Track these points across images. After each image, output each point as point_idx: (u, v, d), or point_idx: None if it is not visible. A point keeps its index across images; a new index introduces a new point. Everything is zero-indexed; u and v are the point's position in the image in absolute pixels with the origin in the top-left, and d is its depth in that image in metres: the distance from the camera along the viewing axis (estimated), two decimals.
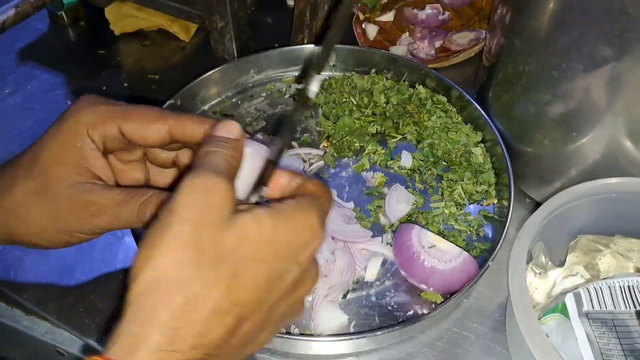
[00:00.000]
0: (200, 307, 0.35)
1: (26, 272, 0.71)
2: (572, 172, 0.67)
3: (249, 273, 0.37)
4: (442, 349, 0.64)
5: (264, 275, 0.38)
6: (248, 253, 0.37)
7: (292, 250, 0.40)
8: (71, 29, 1.03)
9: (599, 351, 0.54)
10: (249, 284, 0.37)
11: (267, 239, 0.38)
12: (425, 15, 1.00)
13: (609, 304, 0.56)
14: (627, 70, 0.55)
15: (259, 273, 0.38)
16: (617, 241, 0.62)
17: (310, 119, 0.86)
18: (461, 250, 0.65)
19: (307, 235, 0.40)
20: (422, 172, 0.77)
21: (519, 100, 0.70)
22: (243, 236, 0.37)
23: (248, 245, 0.37)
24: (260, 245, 0.38)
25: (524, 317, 0.52)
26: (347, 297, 0.67)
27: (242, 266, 0.37)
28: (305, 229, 0.40)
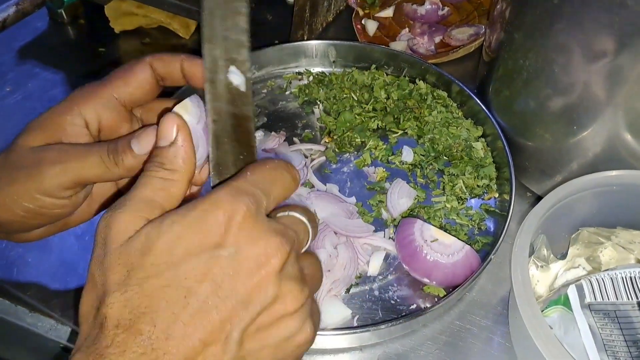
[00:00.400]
0: None
1: (29, 269, 0.71)
2: (573, 166, 0.67)
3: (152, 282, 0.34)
4: (445, 342, 0.64)
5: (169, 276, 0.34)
6: (147, 267, 0.34)
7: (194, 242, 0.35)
8: (71, 26, 1.03)
9: (601, 342, 0.54)
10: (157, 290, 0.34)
11: (163, 245, 0.35)
12: (424, 10, 1.01)
13: (611, 295, 0.56)
14: (627, 64, 0.56)
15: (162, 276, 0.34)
16: (619, 233, 0.63)
17: (311, 114, 0.86)
18: (463, 243, 0.65)
19: (209, 221, 0.35)
20: (423, 167, 0.78)
21: (520, 94, 0.70)
22: (141, 249, 0.34)
23: (145, 259, 0.34)
24: (157, 254, 0.34)
25: (527, 310, 0.52)
26: (350, 291, 0.67)
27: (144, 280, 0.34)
28: (204, 217, 0.35)
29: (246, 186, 0.37)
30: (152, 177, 0.38)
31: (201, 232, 0.35)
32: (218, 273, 0.34)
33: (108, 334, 0.33)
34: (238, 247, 0.35)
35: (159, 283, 0.34)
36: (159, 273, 0.34)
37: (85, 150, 0.44)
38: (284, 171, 0.40)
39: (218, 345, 0.34)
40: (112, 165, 0.43)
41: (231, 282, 0.34)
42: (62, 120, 0.46)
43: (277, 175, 0.39)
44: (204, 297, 0.34)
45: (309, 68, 0.91)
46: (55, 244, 0.73)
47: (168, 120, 0.40)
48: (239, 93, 0.41)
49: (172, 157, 0.39)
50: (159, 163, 0.39)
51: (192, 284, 0.34)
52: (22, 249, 0.72)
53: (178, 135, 0.39)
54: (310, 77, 0.90)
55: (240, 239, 0.35)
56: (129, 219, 0.36)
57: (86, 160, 0.44)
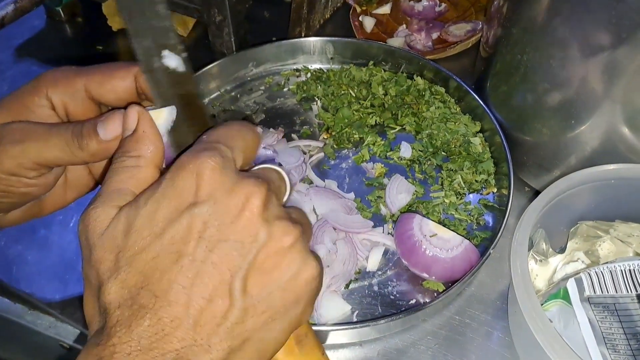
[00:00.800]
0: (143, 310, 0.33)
1: (28, 267, 0.71)
2: (571, 160, 0.67)
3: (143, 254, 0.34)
4: (444, 337, 0.65)
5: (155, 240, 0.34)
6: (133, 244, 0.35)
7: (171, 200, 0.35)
8: (68, 24, 1.03)
9: (601, 335, 0.55)
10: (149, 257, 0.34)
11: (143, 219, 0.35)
12: (421, 7, 1.01)
13: (610, 288, 0.56)
14: (625, 58, 0.56)
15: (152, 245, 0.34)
16: (617, 226, 0.63)
17: (309, 111, 0.86)
18: (462, 238, 0.65)
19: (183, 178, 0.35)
20: (421, 163, 0.78)
21: (517, 89, 0.70)
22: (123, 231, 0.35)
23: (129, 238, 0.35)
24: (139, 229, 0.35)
25: (527, 303, 0.52)
26: (350, 287, 0.67)
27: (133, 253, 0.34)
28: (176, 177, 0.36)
29: (205, 145, 0.37)
30: (119, 167, 0.39)
31: (174, 197, 0.35)
32: (202, 228, 0.34)
33: (112, 315, 0.33)
34: (214, 199, 0.35)
35: (147, 256, 0.34)
36: (145, 247, 0.34)
37: (48, 131, 0.43)
38: (238, 125, 0.40)
39: (224, 298, 0.34)
40: (76, 149, 0.42)
41: (217, 233, 0.34)
42: (29, 101, 0.45)
43: (234, 130, 0.40)
44: (195, 255, 0.34)
45: (307, 65, 0.91)
46: (55, 242, 0.73)
47: (130, 112, 0.40)
48: (178, 74, 0.41)
49: (135, 143, 0.39)
50: (123, 152, 0.39)
51: (180, 247, 0.34)
52: (21, 247, 0.72)
53: (139, 123, 0.40)
54: (308, 73, 0.90)
55: (214, 191, 0.35)
56: (102, 211, 0.36)
57: (48, 141, 0.42)
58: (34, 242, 0.73)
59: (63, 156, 0.42)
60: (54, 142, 0.42)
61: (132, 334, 0.32)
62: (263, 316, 0.35)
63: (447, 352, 0.63)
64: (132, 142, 0.39)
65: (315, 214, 0.72)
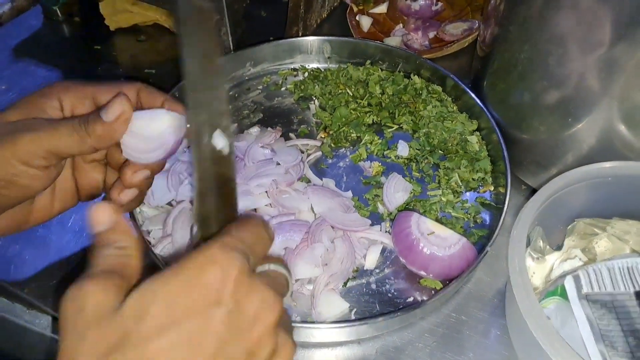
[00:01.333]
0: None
1: (27, 266, 0.71)
2: (568, 158, 0.67)
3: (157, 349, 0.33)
4: (442, 335, 0.65)
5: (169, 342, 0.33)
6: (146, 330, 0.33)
7: (192, 304, 0.34)
8: (66, 24, 1.03)
9: (599, 333, 0.55)
10: None
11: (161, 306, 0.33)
12: (418, 6, 1.01)
13: (608, 285, 0.56)
14: (622, 55, 0.56)
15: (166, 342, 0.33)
16: (615, 224, 0.63)
17: (307, 110, 0.86)
18: (460, 236, 0.66)
19: (204, 288, 0.34)
20: (418, 161, 0.78)
21: (515, 87, 0.70)
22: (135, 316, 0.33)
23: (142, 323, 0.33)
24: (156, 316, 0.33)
25: (525, 300, 0.53)
26: (348, 285, 0.67)
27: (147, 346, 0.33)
28: (197, 284, 0.35)
29: (236, 243, 0.37)
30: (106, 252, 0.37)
31: (199, 288, 0.34)
32: (221, 329, 0.34)
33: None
34: (237, 303, 0.35)
35: (162, 344, 0.33)
36: (160, 334, 0.33)
37: (57, 122, 0.47)
38: (263, 230, 0.41)
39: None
40: (84, 134, 0.46)
41: (234, 338, 0.34)
42: (42, 103, 0.49)
43: (259, 234, 0.40)
44: (211, 354, 0.34)
45: (304, 64, 0.91)
46: (53, 241, 0.73)
47: (96, 211, 0.39)
48: (222, 156, 0.42)
49: (120, 234, 0.38)
50: (108, 243, 0.38)
51: (198, 342, 0.33)
52: (19, 246, 0.72)
53: (113, 219, 0.39)
54: (306, 73, 0.90)
55: (237, 294, 0.35)
56: (97, 292, 0.34)
57: (58, 130, 0.46)
58: (32, 241, 0.73)
59: (72, 144, 0.46)
60: (63, 131, 0.46)
61: None
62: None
63: (444, 350, 0.63)
64: (114, 234, 0.38)
65: (313, 213, 0.72)
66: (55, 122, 0.47)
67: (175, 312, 0.33)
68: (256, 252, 0.39)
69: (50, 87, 0.49)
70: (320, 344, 0.64)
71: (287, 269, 0.42)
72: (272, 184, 0.73)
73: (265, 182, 0.73)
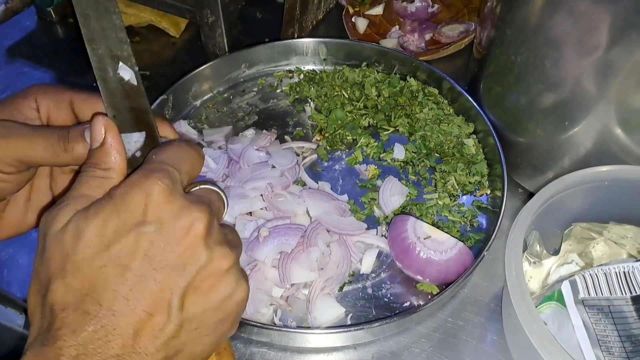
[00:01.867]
0: None
1: (20, 270, 0.70)
2: (564, 161, 0.67)
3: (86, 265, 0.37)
4: (438, 340, 0.64)
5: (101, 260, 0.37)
6: (82, 253, 0.37)
7: (124, 216, 0.38)
8: (60, 25, 1.03)
9: (595, 338, 0.54)
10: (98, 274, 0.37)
11: (93, 230, 0.37)
12: (414, 8, 1.01)
13: (604, 290, 0.56)
14: (619, 59, 0.56)
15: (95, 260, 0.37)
16: (611, 228, 0.63)
17: (302, 112, 0.86)
18: (456, 240, 0.65)
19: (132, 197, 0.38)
20: (415, 164, 0.78)
21: (511, 90, 0.70)
22: (72, 239, 0.37)
23: (78, 246, 0.37)
24: (88, 239, 0.37)
25: (521, 305, 0.52)
26: (344, 289, 0.67)
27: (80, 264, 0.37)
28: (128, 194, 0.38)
29: (156, 165, 0.40)
30: (89, 176, 0.41)
31: (124, 213, 0.37)
32: (148, 247, 0.37)
33: (57, 317, 0.36)
34: (161, 220, 0.38)
35: (95, 265, 0.37)
36: (93, 256, 0.37)
37: (33, 131, 0.44)
38: (187, 147, 0.43)
39: (162, 313, 0.37)
40: (61, 151, 0.44)
41: (162, 253, 0.37)
42: (18, 103, 0.47)
43: (182, 152, 0.42)
44: (140, 271, 0.37)
45: (300, 66, 0.91)
46: None
47: (96, 123, 0.42)
48: (132, 87, 0.43)
49: (105, 157, 0.41)
50: (93, 164, 0.41)
51: (127, 261, 0.37)
52: (12, 250, 0.71)
53: (107, 135, 0.41)
54: (301, 75, 0.90)
55: (161, 212, 0.38)
56: (63, 212, 0.38)
57: (33, 141, 0.44)
58: (25, 244, 0.72)
59: (46, 156, 0.44)
60: (39, 142, 0.44)
61: (77, 338, 0.35)
62: (195, 332, 0.39)
63: (441, 355, 0.63)
64: (101, 154, 0.41)
65: (309, 216, 0.71)
66: (32, 130, 0.44)
67: (105, 235, 0.37)
68: (182, 170, 0.41)
69: (28, 88, 0.48)
70: (316, 349, 0.64)
71: (221, 189, 0.44)
72: (267, 187, 0.73)
73: (261, 185, 0.73)
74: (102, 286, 0.36)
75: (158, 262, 0.37)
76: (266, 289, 0.65)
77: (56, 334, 0.35)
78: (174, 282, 0.38)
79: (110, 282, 0.36)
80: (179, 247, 0.38)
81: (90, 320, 0.36)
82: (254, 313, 0.63)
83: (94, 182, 0.40)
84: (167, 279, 0.37)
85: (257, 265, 0.66)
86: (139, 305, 0.36)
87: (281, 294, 0.66)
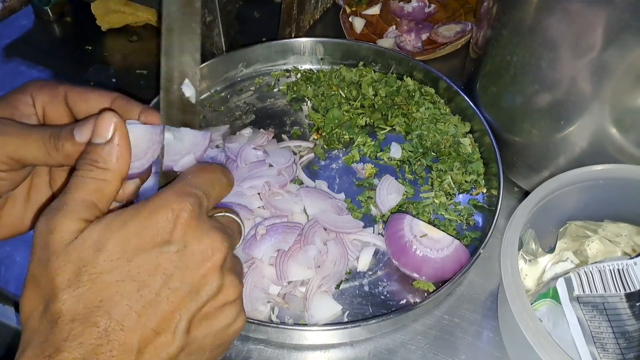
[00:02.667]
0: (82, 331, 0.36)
1: (17, 267, 0.70)
2: (560, 160, 0.68)
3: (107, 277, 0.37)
4: (435, 337, 0.65)
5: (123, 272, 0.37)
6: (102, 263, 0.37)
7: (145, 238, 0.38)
8: (57, 24, 1.03)
9: (590, 334, 0.55)
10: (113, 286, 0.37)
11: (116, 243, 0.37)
12: (411, 8, 1.01)
13: (599, 287, 0.57)
14: (614, 59, 0.56)
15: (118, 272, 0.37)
16: (606, 226, 0.63)
17: (299, 112, 0.86)
18: (453, 238, 0.66)
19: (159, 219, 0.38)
20: (411, 163, 0.78)
21: (507, 90, 0.70)
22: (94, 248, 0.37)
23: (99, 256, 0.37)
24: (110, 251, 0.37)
25: (517, 302, 0.53)
26: (341, 287, 0.67)
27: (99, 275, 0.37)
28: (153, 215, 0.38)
29: (189, 188, 0.40)
30: (85, 177, 0.40)
31: (151, 229, 0.38)
32: (168, 267, 0.38)
33: (64, 328, 0.35)
34: (185, 243, 0.38)
35: (112, 278, 0.37)
36: (112, 269, 0.37)
37: (28, 130, 0.44)
38: (220, 174, 0.44)
39: (168, 334, 0.38)
40: (52, 149, 0.43)
41: (180, 275, 0.38)
42: (15, 99, 0.47)
43: (215, 178, 0.43)
44: (156, 289, 0.37)
45: (297, 65, 0.91)
46: None
47: (105, 118, 0.41)
48: (189, 104, 0.45)
49: (107, 156, 0.41)
50: (91, 160, 0.40)
51: (145, 278, 0.37)
52: (9, 248, 0.71)
53: (115, 134, 0.41)
54: (298, 74, 0.90)
55: (187, 235, 0.38)
56: (69, 222, 0.38)
57: (27, 139, 0.43)
58: (22, 242, 0.72)
59: (38, 155, 0.43)
60: (32, 140, 0.43)
61: (82, 350, 0.35)
62: (193, 355, 0.40)
63: (437, 352, 0.64)
64: (103, 153, 0.41)
65: (306, 215, 0.72)
66: (26, 129, 0.44)
67: (127, 250, 0.37)
68: (211, 196, 0.42)
69: (25, 84, 0.48)
70: (313, 346, 0.64)
71: (240, 218, 0.46)
72: (264, 186, 0.73)
73: (258, 184, 0.73)
74: (117, 300, 0.36)
75: (174, 283, 0.38)
76: (263, 287, 0.66)
77: (61, 345, 0.35)
78: (185, 304, 0.38)
79: (125, 297, 0.37)
80: (197, 272, 0.39)
81: (97, 333, 0.36)
82: (252, 310, 0.64)
83: (91, 184, 0.40)
84: (180, 301, 0.38)
85: (254, 263, 0.66)
86: (148, 323, 0.37)
87: (278, 292, 0.66)
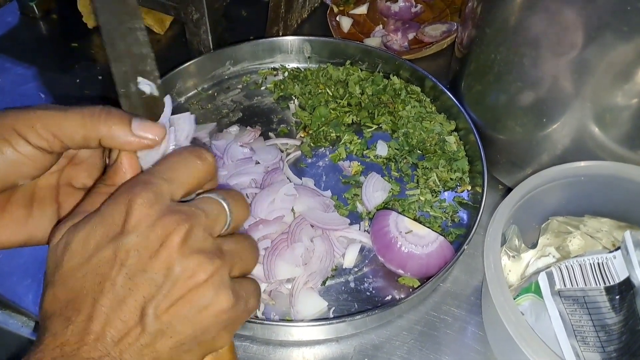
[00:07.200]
0: None
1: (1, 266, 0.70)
2: (542, 158, 0.69)
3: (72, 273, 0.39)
4: (420, 332, 0.65)
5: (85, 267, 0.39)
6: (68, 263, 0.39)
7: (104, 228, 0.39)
8: (43, 21, 1.02)
9: (571, 328, 0.56)
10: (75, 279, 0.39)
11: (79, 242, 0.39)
12: (398, 7, 1.02)
13: (580, 281, 0.58)
14: (595, 57, 0.57)
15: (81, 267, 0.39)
16: (587, 221, 0.64)
17: (287, 110, 0.86)
18: (437, 235, 0.66)
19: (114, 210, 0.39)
20: (397, 161, 0.79)
21: (491, 89, 0.71)
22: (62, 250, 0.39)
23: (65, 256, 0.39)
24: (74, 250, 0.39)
25: (500, 297, 0.53)
26: (327, 283, 0.68)
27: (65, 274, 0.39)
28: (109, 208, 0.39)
29: (144, 177, 0.41)
30: (94, 192, 0.43)
31: (105, 225, 0.39)
32: (125, 257, 0.38)
33: (44, 324, 0.38)
34: (139, 232, 0.39)
35: (78, 275, 0.39)
36: (77, 267, 0.39)
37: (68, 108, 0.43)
38: (188, 156, 0.42)
39: (136, 322, 0.38)
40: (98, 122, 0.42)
41: (138, 264, 0.38)
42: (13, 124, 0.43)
43: (181, 162, 0.42)
44: (117, 280, 0.38)
45: (284, 64, 0.91)
46: None
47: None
48: (153, 98, 0.44)
49: (112, 174, 0.43)
50: (102, 179, 0.43)
51: (105, 271, 0.38)
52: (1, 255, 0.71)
53: (120, 155, 0.43)
54: (286, 72, 0.90)
55: (139, 224, 0.39)
56: (62, 228, 0.41)
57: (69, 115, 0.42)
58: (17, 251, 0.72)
59: (79, 130, 0.42)
60: (73, 116, 0.42)
61: (56, 341, 0.37)
62: (171, 341, 0.39)
63: (422, 347, 0.64)
64: (110, 171, 0.43)
65: (293, 212, 0.72)
66: (67, 108, 0.43)
67: (87, 248, 0.39)
68: (177, 180, 0.41)
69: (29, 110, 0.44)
70: (299, 342, 0.65)
71: (224, 199, 0.42)
72: (251, 183, 0.73)
73: (244, 181, 0.73)
74: (84, 295, 0.38)
75: (134, 272, 0.38)
76: None
77: (41, 338, 0.38)
78: (148, 292, 0.38)
79: (90, 291, 0.38)
80: (153, 259, 0.39)
81: (69, 326, 0.37)
82: None
83: (96, 198, 0.42)
84: (142, 289, 0.38)
85: None
86: (115, 313, 0.38)
87: (264, 289, 0.66)
